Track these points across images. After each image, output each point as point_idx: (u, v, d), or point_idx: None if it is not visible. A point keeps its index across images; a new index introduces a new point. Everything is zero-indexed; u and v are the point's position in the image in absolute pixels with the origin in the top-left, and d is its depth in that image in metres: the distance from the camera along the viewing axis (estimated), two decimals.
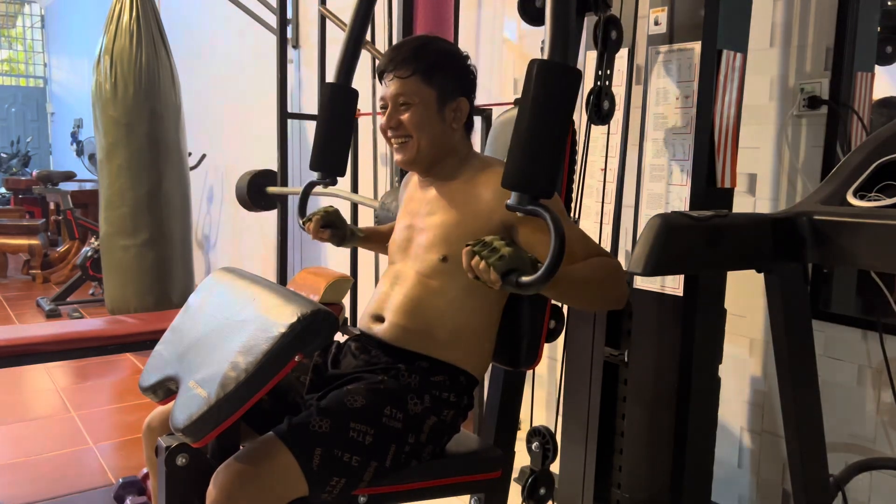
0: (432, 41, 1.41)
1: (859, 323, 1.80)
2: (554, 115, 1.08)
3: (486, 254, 1.09)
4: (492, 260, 1.08)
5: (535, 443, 1.60)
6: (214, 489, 1.13)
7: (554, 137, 1.08)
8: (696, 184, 1.69)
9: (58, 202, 6.07)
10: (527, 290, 1.09)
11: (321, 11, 3.38)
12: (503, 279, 1.08)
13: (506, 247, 1.10)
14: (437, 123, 1.38)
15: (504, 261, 1.08)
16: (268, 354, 1.11)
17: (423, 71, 1.36)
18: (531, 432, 1.62)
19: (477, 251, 1.10)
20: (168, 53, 4.03)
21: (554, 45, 1.12)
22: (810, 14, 1.87)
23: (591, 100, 1.60)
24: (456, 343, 1.37)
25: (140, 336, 2.50)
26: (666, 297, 1.74)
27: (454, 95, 1.39)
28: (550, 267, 1.05)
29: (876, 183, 1.10)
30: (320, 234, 1.59)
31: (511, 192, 1.10)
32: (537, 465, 1.60)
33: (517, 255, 1.10)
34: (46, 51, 11.35)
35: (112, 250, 3.95)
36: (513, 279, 1.08)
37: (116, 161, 3.89)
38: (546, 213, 1.06)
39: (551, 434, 1.60)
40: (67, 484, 2.35)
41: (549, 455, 1.59)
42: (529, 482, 1.57)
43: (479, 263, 1.10)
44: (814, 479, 1.23)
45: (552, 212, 1.06)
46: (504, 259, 1.09)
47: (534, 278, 1.07)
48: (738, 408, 2.07)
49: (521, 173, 1.08)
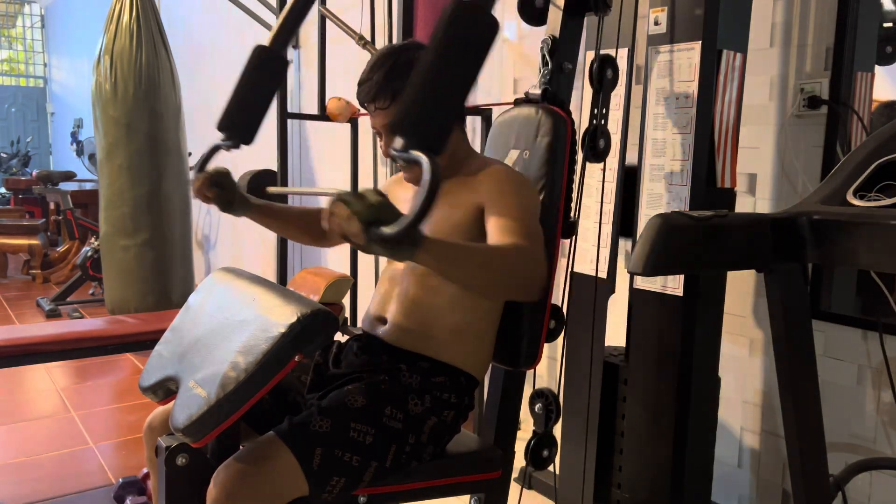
0: (400, 57, 1.35)
1: (859, 323, 1.80)
2: (460, 63, 0.99)
3: (352, 200, 0.98)
4: (356, 206, 0.97)
5: (538, 404, 1.57)
6: (215, 489, 1.13)
7: (454, 88, 0.99)
8: (696, 184, 1.69)
9: (58, 202, 6.08)
10: (394, 248, 0.98)
11: (321, 11, 3.37)
12: (366, 231, 0.97)
13: (375, 196, 0.99)
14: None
15: (370, 210, 0.97)
16: (268, 354, 1.11)
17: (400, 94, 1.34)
18: (534, 394, 1.58)
19: (344, 198, 0.99)
20: (168, 53, 4.03)
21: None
22: (810, 14, 1.87)
23: (586, 139, 1.59)
24: (456, 343, 1.37)
25: (140, 336, 2.50)
26: (666, 297, 1.74)
27: None
28: (414, 217, 0.94)
29: (876, 183, 1.10)
30: (205, 192, 1.48)
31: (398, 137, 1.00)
32: (540, 427, 1.56)
33: (386, 205, 0.98)
34: (46, 51, 11.35)
35: (112, 250, 3.96)
36: (375, 232, 0.96)
37: (116, 161, 3.89)
38: (425, 162, 0.96)
39: (554, 396, 1.55)
40: (67, 484, 2.35)
41: (553, 417, 1.56)
42: (532, 444, 1.54)
43: (342, 210, 0.98)
44: (814, 479, 1.23)
45: (434, 163, 0.96)
46: (371, 208, 0.97)
47: (396, 229, 0.95)
48: (738, 408, 2.07)
49: (410, 118, 0.98)
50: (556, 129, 1.43)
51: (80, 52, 9.25)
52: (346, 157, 3.54)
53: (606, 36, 1.76)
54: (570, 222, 1.47)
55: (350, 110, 3.26)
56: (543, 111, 1.47)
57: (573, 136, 1.45)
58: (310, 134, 4.27)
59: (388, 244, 0.97)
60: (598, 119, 1.60)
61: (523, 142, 1.49)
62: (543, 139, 1.44)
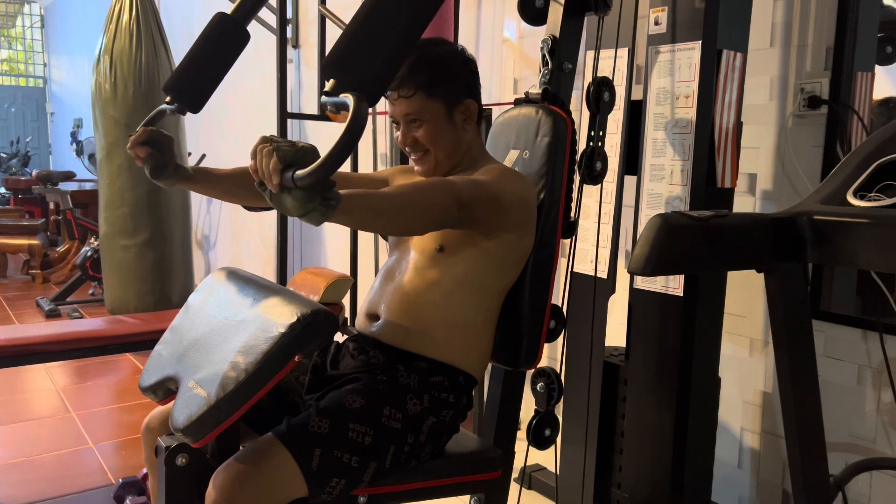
0: (426, 50, 1.39)
1: (859, 323, 1.80)
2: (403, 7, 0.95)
3: (279, 140, 0.95)
4: (280, 145, 0.94)
5: (541, 383, 1.57)
6: (214, 490, 1.13)
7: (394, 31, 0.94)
8: (696, 184, 1.69)
9: (58, 202, 6.08)
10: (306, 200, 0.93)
11: (321, 11, 3.37)
12: (282, 172, 0.93)
13: (307, 144, 0.96)
14: (450, 132, 1.40)
15: (293, 150, 0.93)
16: (268, 354, 1.11)
17: (425, 86, 1.36)
18: (536, 373, 1.57)
19: (269, 137, 0.96)
20: (168, 53, 4.03)
21: None
22: (810, 14, 1.87)
23: (583, 162, 1.59)
24: (454, 342, 1.37)
25: (140, 336, 2.50)
26: (666, 297, 1.74)
27: (460, 100, 1.39)
28: (328, 160, 0.90)
29: (876, 183, 1.10)
30: (137, 150, 1.39)
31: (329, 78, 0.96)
32: (542, 405, 1.56)
33: (312, 152, 0.95)
34: (46, 51, 11.35)
35: (112, 250, 3.96)
36: (290, 175, 0.92)
37: (116, 161, 3.89)
38: (353, 101, 0.91)
39: (556, 375, 1.55)
40: (67, 484, 2.35)
41: (554, 396, 1.55)
42: (534, 423, 1.53)
43: (265, 147, 0.95)
44: (814, 479, 1.22)
45: (361, 105, 0.92)
46: (295, 148, 0.94)
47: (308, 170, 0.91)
48: (738, 408, 2.07)
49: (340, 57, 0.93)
50: (556, 129, 1.43)
51: (80, 52, 9.25)
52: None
53: (606, 36, 1.77)
54: (570, 222, 1.47)
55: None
56: (543, 111, 1.47)
57: (573, 136, 1.45)
58: (310, 134, 4.27)
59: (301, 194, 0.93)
60: (596, 141, 1.60)
61: (523, 142, 1.49)
62: (543, 139, 1.44)
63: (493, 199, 1.31)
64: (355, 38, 0.93)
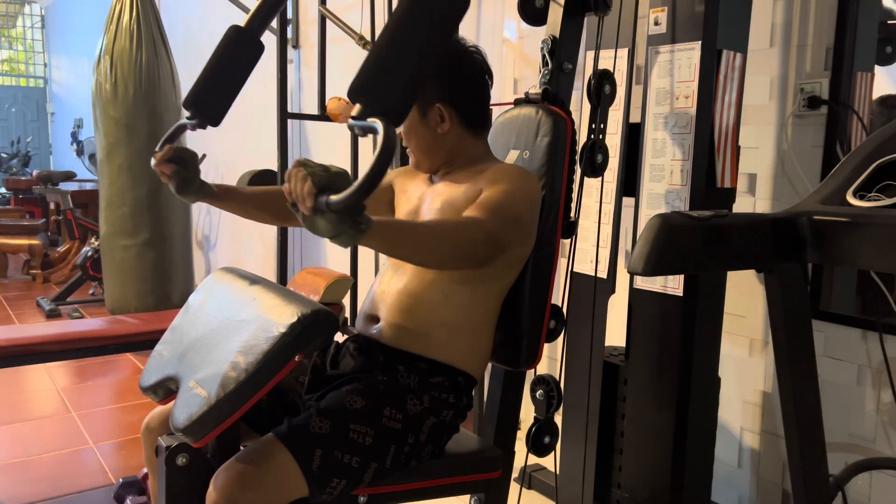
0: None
1: (859, 323, 1.80)
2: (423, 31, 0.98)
3: (312, 164, 0.98)
4: (314, 169, 0.97)
5: (540, 391, 1.57)
6: (214, 491, 1.13)
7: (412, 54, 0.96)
8: (696, 184, 1.69)
9: (58, 202, 6.08)
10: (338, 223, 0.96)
11: (321, 11, 3.38)
12: (316, 196, 0.95)
13: (338, 168, 0.99)
14: (424, 132, 1.42)
15: (327, 174, 0.96)
16: (268, 354, 1.11)
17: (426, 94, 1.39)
18: (536, 380, 1.58)
19: (304, 161, 0.99)
20: (168, 53, 4.03)
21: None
22: (810, 14, 1.87)
23: (584, 154, 1.59)
24: (453, 342, 1.37)
25: (140, 336, 2.50)
26: (666, 297, 1.74)
27: (431, 103, 1.40)
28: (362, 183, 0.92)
29: (876, 183, 1.10)
30: (163, 167, 1.41)
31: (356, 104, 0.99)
32: (541, 413, 1.56)
33: (345, 177, 0.98)
34: (46, 51, 11.34)
35: (112, 250, 3.96)
36: (324, 200, 0.95)
37: (117, 161, 3.89)
38: (381, 127, 0.94)
39: (556, 382, 1.56)
40: (67, 484, 2.35)
41: (554, 403, 1.56)
42: (533, 431, 1.54)
43: (299, 172, 0.98)
44: (814, 479, 1.22)
45: (389, 128, 0.95)
46: (328, 173, 0.97)
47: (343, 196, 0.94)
48: (738, 408, 2.07)
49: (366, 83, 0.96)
50: (556, 130, 1.43)
51: (80, 52, 9.25)
52: (346, 157, 3.54)
53: (606, 36, 1.77)
54: (570, 222, 1.47)
55: (350, 110, 3.26)
56: (543, 111, 1.47)
57: (573, 136, 1.45)
58: (310, 134, 4.27)
59: (333, 217, 0.95)
60: (597, 134, 1.60)
61: (523, 142, 1.49)
62: (543, 139, 1.44)
63: (516, 221, 1.31)
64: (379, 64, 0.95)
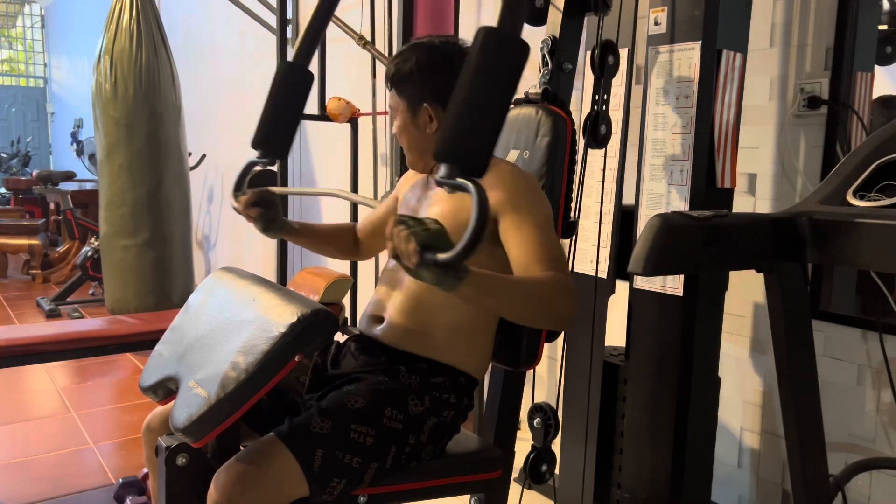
0: (410, 49, 1.41)
1: (859, 323, 1.80)
2: (494, 88, 1.02)
3: (413, 223, 1.03)
4: (415, 228, 1.02)
5: (537, 419, 1.58)
6: (215, 491, 1.13)
7: (491, 112, 1.02)
8: (696, 184, 1.69)
9: (58, 202, 6.07)
10: (442, 275, 1.03)
11: None
12: (421, 254, 1.01)
13: (435, 224, 1.04)
14: (413, 131, 1.42)
15: (429, 233, 1.02)
16: (268, 354, 1.11)
17: (394, 83, 1.42)
18: (533, 409, 1.59)
19: (405, 219, 1.04)
20: (168, 53, 4.03)
21: (505, 15, 1.06)
22: (810, 14, 1.87)
23: (587, 125, 1.60)
24: (455, 344, 1.37)
25: (140, 336, 2.50)
26: (666, 297, 1.74)
27: (419, 103, 1.40)
28: (466, 244, 0.98)
29: (876, 183, 1.10)
30: (249, 212, 1.53)
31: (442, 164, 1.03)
32: (539, 441, 1.58)
33: (443, 233, 1.03)
34: (46, 51, 11.35)
35: (112, 250, 3.95)
36: (429, 256, 1.01)
37: (117, 161, 3.89)
38: (473, 189, 1.00)
39: (553, 410, 1.57)
40: (67, 484, 2.35)
41: (551, 431, 1.57)
42: (531, 459, 1.55)
43: (401, 231, 1.03)
44: (814, 479, 1.22)
45: (481, 189, 1.00)
46: (429, 232, 1.02)
47: (449, 255, 1.00)
48: (738, 408, 2.07)
49: (453, 145, 1.02)
50: (556, 130, 1.43)
51: (80, 52, 9.25)
52: (346, 157, 3.54)
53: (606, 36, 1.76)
54: (570, 222, 1.47)
55: (350, 110, 3.26)
56: (543, 111, 1.47)
57: (573, 137, 1.45)
58: (310, 134, 4.27)
59: (438, 270, 1.03)
60: (600, 105, 1.61)
61: (523, 142, 1.49)
62: (543, 139, 1.44)
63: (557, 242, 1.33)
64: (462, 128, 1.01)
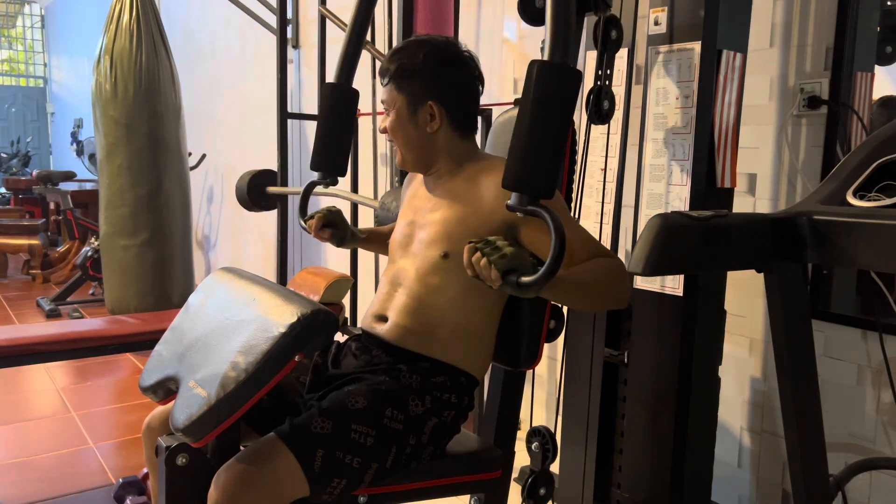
0: (410, 44, 1.41)
1: (859, 323, 1.80)
2: (554, 116, 1.08)
3: (489, 251, 1.10)
4: (494, 258, 1.09)
5: (535, 443, 1.60)
6: (216, 491, 1.13)
7: (554, 139, 1.08)
8: (696, 184, 1.69)
9: (58, 202, 6.07)
10: (526, 291, 1.09)
11: (321, 11, 3.38)
12: (503, 278, 1.09)
13: (508, 246, 1.10)
14: (411, 128, 1.41)
15: (506, 259, 1.09)
16: (268, 354, 1.11)
17: (394, 78, 1.40)
18: (531, 432, 1.62)
19: (479, 248, 1.11)
20: (168, 53, 4.03)
21: (554, 46, 1.12)
22: (810, 14, 1.87)
23: (590, 99, 1.60)
24: (457, 343, 1.37)
25: (140, 336, 2.50)
26: (666, 297, 1.74)
27: (423, 100, 1.39)
28: (551, 268, 1.06)
29: (876, 183, 1.10)
30: (321, 234, 1.60)
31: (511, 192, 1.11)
32: (537, 465, 1.60)
33: (519, 255, 1.10)
34: (46, 51, 11.35)
35: (112, 250, 3.95)
36: (513, 279, 1.09)
37: (116, 161, 3.89)
38: (547, 215, 1.07)
39: (551, 434, 1.60)
40: (67, 484, 2.35)
41: (549, 455, 1.60)
42: (529, 482, 1.58)
43: (481, 261, 1.10)
44: (814, 479, 1.23)
45: (553, 213, 1.07)
46: (506, 258, 1.09)
47: (534, 279, 1.07)
48: (738, 408, 2.07)
49: (521, 174, 1.09)
50: None
51: (80, 52, 9.25)
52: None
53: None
54: None
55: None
56: None
57: (573, 137, 1.45)
58: (310, 134, 4.27)
59: (524, 290, 1.09)
60: (603, 80, 1.61)
61: None
62: None
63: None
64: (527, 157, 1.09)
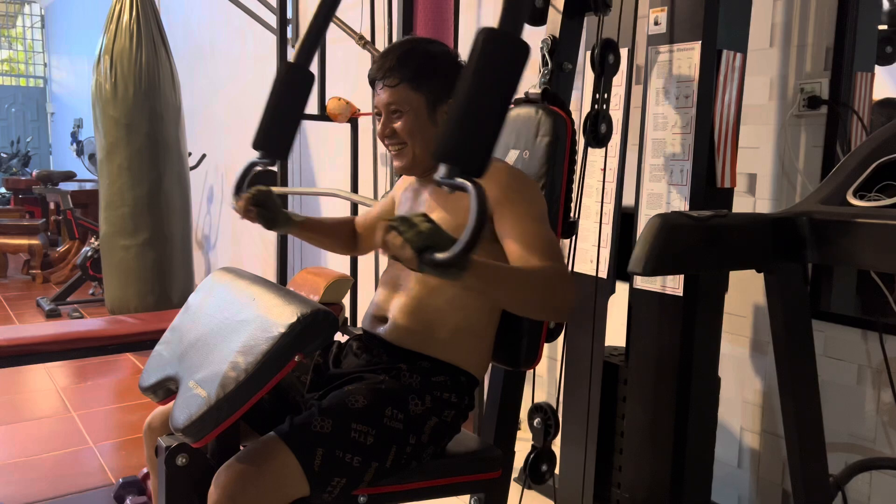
0: (418, 45, 1.40)
1: (859, 323, 1.80)
2: (494, 88, 1.02)
3: (404, 228, 1.03)
4: (409, 234, 1.02)
5: (537, 419, 1.58)
6: (216, 490, 1.13)
7: (491, 112, 1.02)
8: (696, 184, 1.69)
9: (58, 202, 6.07)
10: (445, 271, 1.03)
11: None
12: (419, 256, 1.02)
13: (425, 223, 1.04)
14: (430, 128, 1.38)
15: (421, 236, 1.02)
16: (268, 354, 1.11)
17: (410, 78, 1.36)
18: (533, 409, 1.59)
19: (394, 226, 1.04)
20: (168, 53, 4.03)
21: (506, 15, 1.05)
22: (810, 14, 1.87)
23: (588, 124, 1.59)
24: (457, 343, 1.37)
25: (140, 336, 2.50)
26: (666, 297, 1.74)
27: (444, 98, 1.38)
28: (468, 242, 0.99)
29: (876, 183, 1.10)
30: (248, 214, 1.53)
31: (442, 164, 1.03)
32: (539, 441, 1.58)
33: (436, 231, 1.03)
34: (46, 51, 11.35)
35: (112, 250, 3.96)
36: (428, 257, 1.01)
37: (116, 161, 3.89)
38: (472, 188, 1.00)
39: (553, 410, 1.56)
40: (67, 484, 2.35)
41: (551, 431, 1.57)
42: (531, 459, 1.55)
43: (395, 238, 1.03)
44: (814, 479, 1.23)
45: (479, 188, 1.00)
46: (421, 235, 1.02)
47: (449, 255, 1.00)
48: (738, 408, 2.07)
49: (453, 145, 1.02)
50: (555, 130, 1.43)
51: (80, 52, 9.25)
52: (346, 157, 3.54)
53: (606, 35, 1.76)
54: (570, 222, 1.47)
55: (350, 110, 3.26)
56: (543, 111, 1.47)
57: (573, 137, 1.45)
58: (310, 134, 4.27)
59: (439, 268, 1.02)
60: (600, 104, 1.60)
61: (523, 142, 1.49)
62: (543, 139, 1.44)
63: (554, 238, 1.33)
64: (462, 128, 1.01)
